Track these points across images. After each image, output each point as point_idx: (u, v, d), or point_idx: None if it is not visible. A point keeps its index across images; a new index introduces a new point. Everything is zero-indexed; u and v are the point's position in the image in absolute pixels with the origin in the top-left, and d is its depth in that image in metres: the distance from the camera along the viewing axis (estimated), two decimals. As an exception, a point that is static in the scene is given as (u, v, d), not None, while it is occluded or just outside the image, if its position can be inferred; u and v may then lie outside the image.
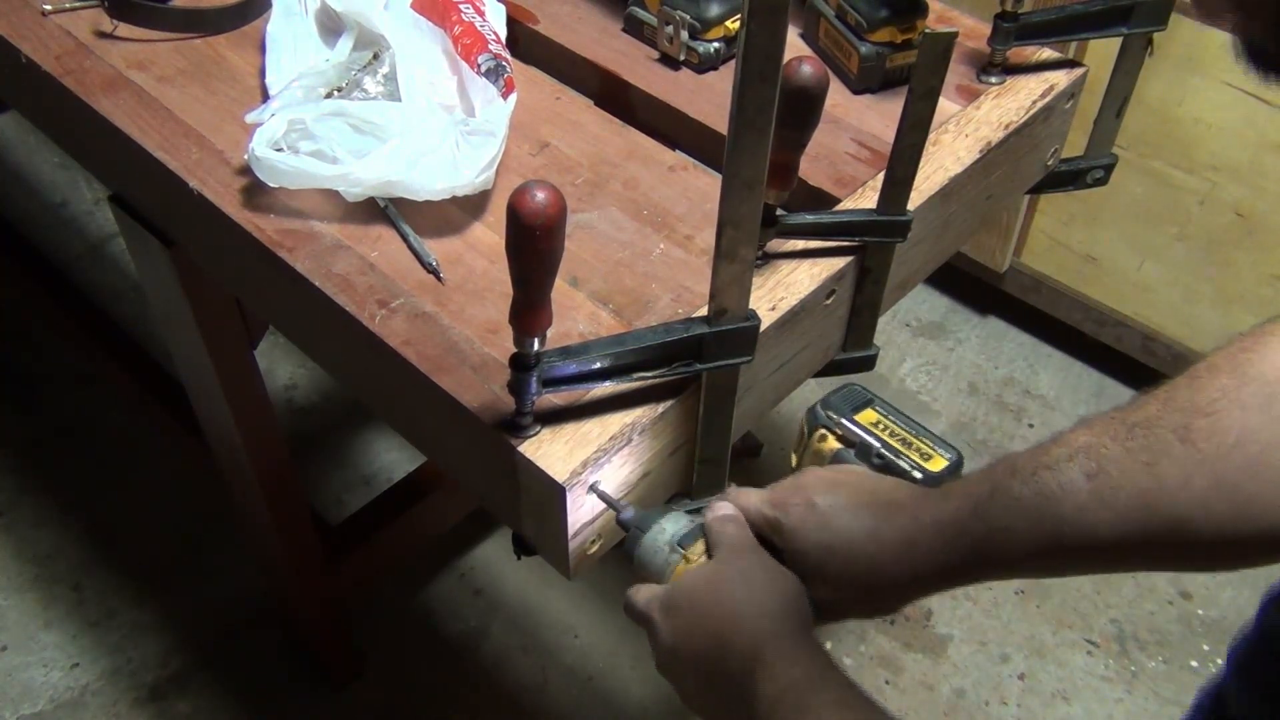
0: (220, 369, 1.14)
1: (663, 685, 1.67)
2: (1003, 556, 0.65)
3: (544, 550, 0.77)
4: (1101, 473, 0.62)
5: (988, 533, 0.64)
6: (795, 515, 0.69)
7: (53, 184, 2.34)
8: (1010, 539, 0.64)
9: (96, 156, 1.08)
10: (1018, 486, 0.64)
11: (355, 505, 1.71)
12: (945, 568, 0.66)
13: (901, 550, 0.67)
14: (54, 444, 1.87)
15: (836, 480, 0.72)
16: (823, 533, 0.68)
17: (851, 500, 0.69)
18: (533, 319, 0.64)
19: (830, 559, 0.68)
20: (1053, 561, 0.65)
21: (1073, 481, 0.62)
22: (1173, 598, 1.70)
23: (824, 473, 0.74)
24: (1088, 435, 0.64)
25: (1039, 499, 0.63)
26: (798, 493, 0.71)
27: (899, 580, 0.67)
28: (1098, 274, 1.85)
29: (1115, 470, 0.61)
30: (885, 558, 0.67)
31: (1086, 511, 0.62)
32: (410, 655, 1.61)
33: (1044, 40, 1.00)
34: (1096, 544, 0.62)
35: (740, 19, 0.55)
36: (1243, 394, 0.59)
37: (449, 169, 0.85)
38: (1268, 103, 1.54)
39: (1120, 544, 0.62)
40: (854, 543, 0.68)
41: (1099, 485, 0.62)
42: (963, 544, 0.65)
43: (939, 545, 0.66)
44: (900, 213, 0.82)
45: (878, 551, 0.67)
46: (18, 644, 1.62)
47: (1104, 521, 0.61)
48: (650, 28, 1.04)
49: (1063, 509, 0.62)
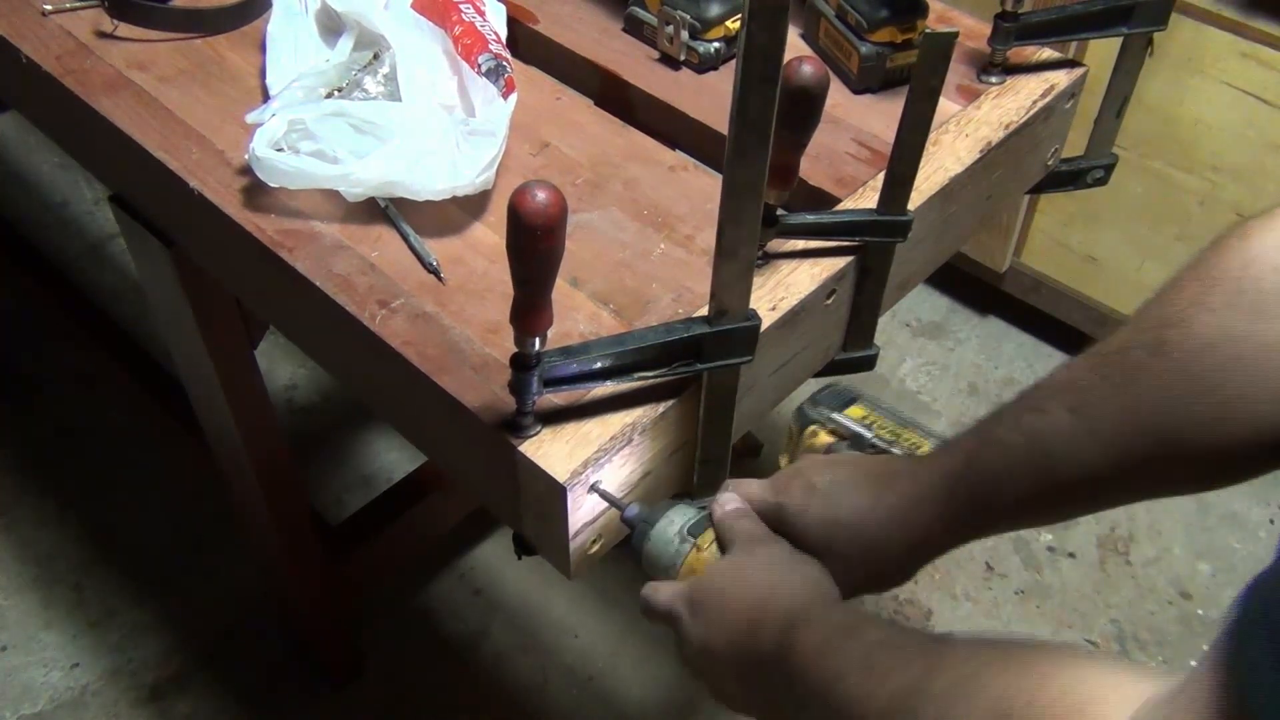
0: (220, 369, 1.14)
1: (663, 685, 1.67)
2: (1002, 504, 0.65)
3: (544, 550, 0.77)
4: (1083, 404, 0.62)
5: (982, 482, 0.65)
6: (796, 498, 0.69)
7: (53, 184, 2.33)
8: (1005, 486, 0.64)
9: (96, 156, 1.08)
10: (1004, 433, 0.65)
11: (355, 505, 1.71)
12: (949, 525, 0.66)
13: (904, 514, 0.67)
14: (54, 444, 1.87)
15: (833, 461, 0.73)
16: (825, 510, 0.69)
17: (850, 476, 0.70)
18: (533, 319, 0.64)
19: (836, 535, 0.68)
20: (1051, 503, 0.65)
21: (1057, 419, 0.62)
22: (1173, 598, 1.70)
23: (819, 457, 0.74)
24: (1066, 374, 0.64)
25: (1027, 441, 0.63)
26: (796, 477, 0.71)
27: (907, 543, 0.68)
28: (1098, 274, 1.85)
29: (1095, 398, 0.61)
30: (890, 525, 0.67)
31: (1074, 444, 0.62)
32: (410, 655, 1.61)
33: (1044, 40, 1.00)
34: (1090, 476, 0.62)
35: (740, 19, 0.55)
36: (1210, 298, 0.58)
37: (449, 169, 0.85)
38: (1268, 103, 1.54)
39: (1114, 471, 0.61)
40: (857, 513, 0.68)
41: (1082, 417, 0.62)
42: (960, 497, 0.66)
43: (939, 502, 0.66)
44: (900, 213, 0.82)
45: (883, 519, 0.68)
46: (18, 644, 1.62)
47: (1092, 451, 0.61)
48: (650, 28, 1.04)
49: (1051, 446, 0.62)
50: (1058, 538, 1.77)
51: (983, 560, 1.74)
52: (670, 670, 1.59)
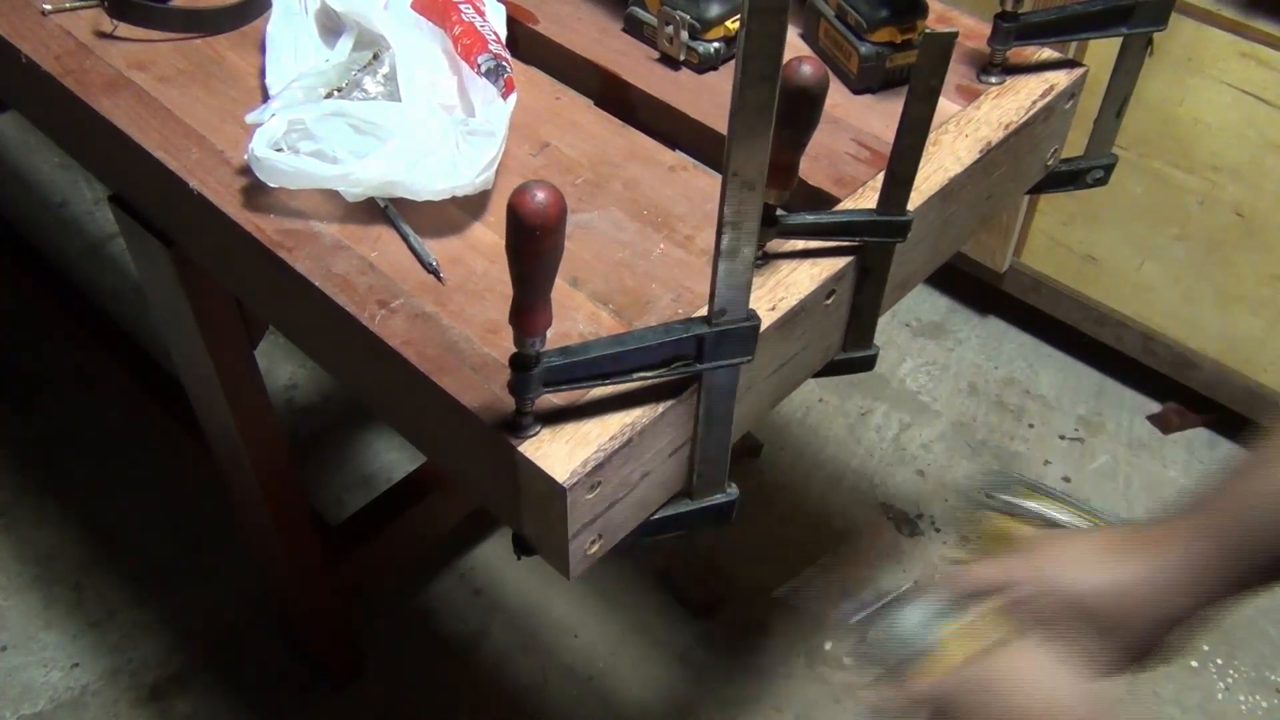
0: (220, 369, 1.14)
1: (663, 685, 1.67)
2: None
3: (544, 550, 0.77)
4: None
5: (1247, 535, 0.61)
6: (1026, 587, 0.64)
7: (53, 184, 2.34)
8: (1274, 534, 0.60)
9: (96, 156, 1.08)
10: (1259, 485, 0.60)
11: (355, 505, 1.71)
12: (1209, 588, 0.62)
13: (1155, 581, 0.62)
14: (54, 444, 1.87)
15: (1050, 538, 0.67)
16: (1062, 594, 0.63)
17: (1083, 551, 0.65)
18: (533, 319, 0.64)
19: (1078, 614, 0.63)
20: None
21: None
22: (1173, 598, 1.70)
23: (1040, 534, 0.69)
24: None
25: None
26: (1020, 558, 0.65)
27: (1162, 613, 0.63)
28: (1098, 274, 1.85)
29: None
30: (1141, 594, 0.62)
31: None
32: (410, 655, 1.61)
33: (1044, 40, 1.00)
34: None
35: (740, 19, 0.55)
36: None
37: (449, 169, 0.85)
38: (1268, 103, 1.54)
39: None
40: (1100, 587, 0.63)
41: None
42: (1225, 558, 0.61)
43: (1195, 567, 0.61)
44: (900, 213, 0.82)
45: (1131, 588, 0.62)
46: (18, 644, 1.62)
47: None
48: (650, 28, 1.04)
49: None
50: (1058, 538, 1.77)
51: (983, 560, 1.74)
52: (670, 670, 1.59)
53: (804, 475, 1.85)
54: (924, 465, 1.87)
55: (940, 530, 1.78)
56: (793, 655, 1.61)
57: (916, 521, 1.79)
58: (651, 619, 1.64)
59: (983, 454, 1.89)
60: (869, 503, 1.82)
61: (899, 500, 1.82)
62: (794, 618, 1.65)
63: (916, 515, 1.80)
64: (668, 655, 1.61)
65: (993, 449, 1.90)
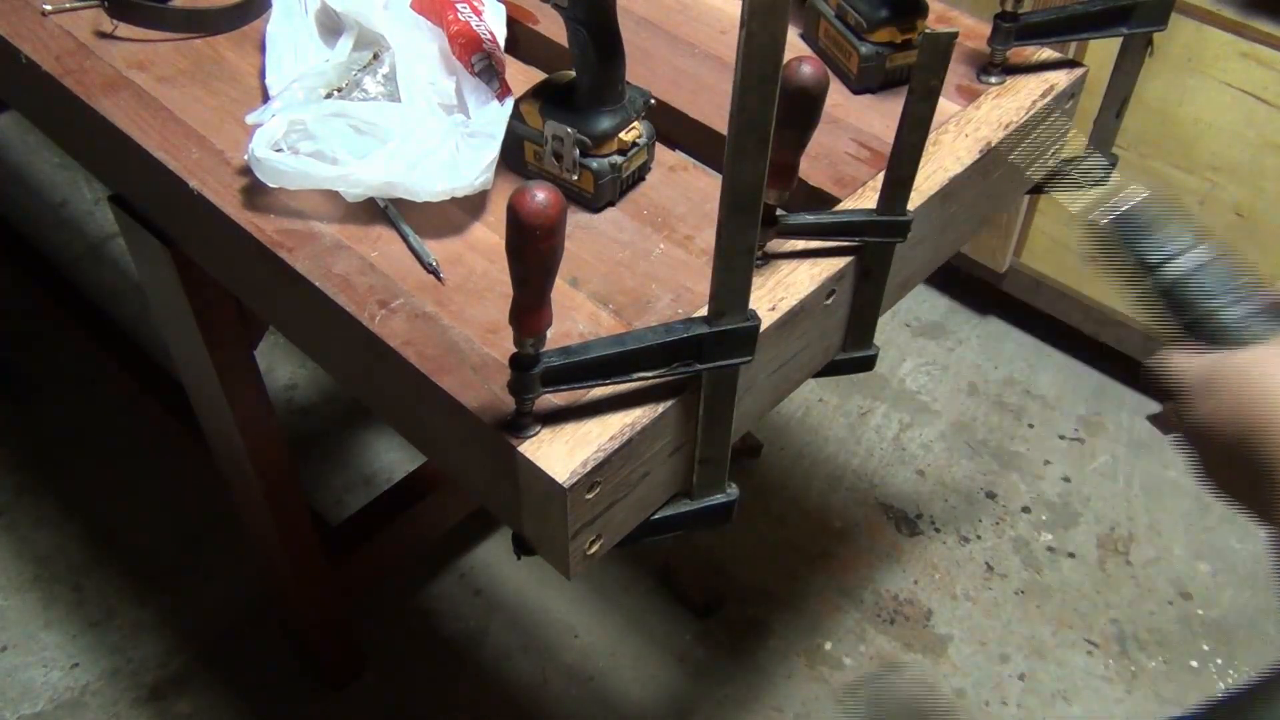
0: (220, 369, 1.14)
1: (663, 685, 1.67)
2: None
3: (544, 550, 0.77)
4: None
5: None
6: None
7: (53, 184, 2.34)
8: None
9: (96, 156, 1.08)
10: None
11: (355, 505, 1.71)
12: None
13: None
14: (54, 444, 1.87)
15: None
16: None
17: None
18: (533, 319, 0.64)
19: None
20: None
21: None
22: (1173, 598, 1.70)
23: None
24: None
25: None
26: None
27: None
28: (1098, 274, 1.84)
29: None
30: None
31: None
32: (410, 655, 1.61)
33: (1044, 40, 1.00)
34: None
35: (740, 19, 0.55)
36: None
37: (449, 170, 0.85)
38: (1268, 103, 1.54)
39: None
40: None
41: None
42: None
43: None
44: (900, 213, 0.82)
45: None
46: (18, 644, 1.62)
47: None
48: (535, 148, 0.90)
49: None
50: (1058, 538, 1.77)
51: (983, 560, 1.74)
52: (670, 670, 1.60)
53: (804, 475, 1.85)
54: (924, 465, 1.87)
55: (940, 530, 1.78)
56: (793, 655, 1.62)
57: (916, 521, 1.79)
58: (651, 619, 1.64)
59: (983, 454, 1.89)
60: (869, 503, 1.82)
61: (899, 500, 1.82)
62: (794, 618, 1.66)
63: (916, 515, 1.80)
64: (668, 655, 1.61)
65: (993, 449, 1.90)
